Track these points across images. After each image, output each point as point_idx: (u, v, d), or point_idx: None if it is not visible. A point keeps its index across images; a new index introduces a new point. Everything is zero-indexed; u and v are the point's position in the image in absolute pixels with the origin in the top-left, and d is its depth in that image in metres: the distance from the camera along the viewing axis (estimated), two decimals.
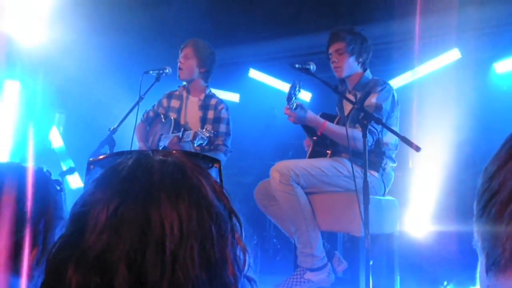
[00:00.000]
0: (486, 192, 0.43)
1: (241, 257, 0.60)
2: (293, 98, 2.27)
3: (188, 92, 3.06)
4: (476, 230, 0.46)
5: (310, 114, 2.39)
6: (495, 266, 0.42)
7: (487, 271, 0.43)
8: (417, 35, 4.07)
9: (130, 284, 0.51)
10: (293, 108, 2.30)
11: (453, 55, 4.36)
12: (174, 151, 0.65)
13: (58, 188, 0.97)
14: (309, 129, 2.62)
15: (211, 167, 0.70)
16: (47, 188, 0.95)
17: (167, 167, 0.59)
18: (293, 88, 2.26)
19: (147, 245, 0.53)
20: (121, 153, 0.66)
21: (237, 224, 0.62)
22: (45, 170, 0.98)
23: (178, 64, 2.96)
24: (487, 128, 3.72)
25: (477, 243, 0.46)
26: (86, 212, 0.56)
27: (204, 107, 3.00)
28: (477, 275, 0.48)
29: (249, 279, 0.62)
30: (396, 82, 4.59)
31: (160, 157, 0.62)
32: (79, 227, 0.56)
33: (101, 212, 0.55)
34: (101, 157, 0.71)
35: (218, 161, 0.72)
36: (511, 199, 0.40)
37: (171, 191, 0.56)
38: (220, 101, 3.05)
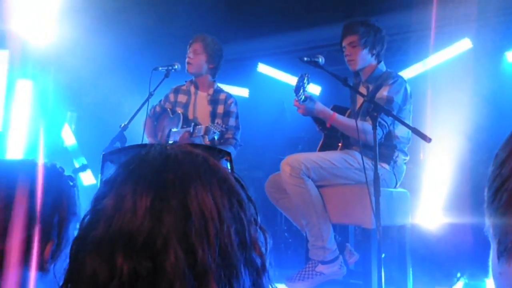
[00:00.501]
0: (497, 178, 0.43)
1: (263, 240, 0.65)
2: (302, 90, 2.27)
3: (197, 87, 3.07)
4: (487, 217, 0.46)
5: (319, 106, 2.39)
6: (506, 252, 0.42)
7: (498, 258, 0.43)
8: (433, 25, 4.02)
9: (182, 265, 0.54)
10: (302, 100, 2.30)
11: (464, 44, 4.30)
12: (190, 144, 0.68)
13: (71, 183, 0.99)
14: (320, 122, 2.61)
15: (222, 158, 0.73)
16: (60, 183, 0.96)
17: (195, 158, 0.63)
18: (301, 79, 2.26)
19: (191, 229, 0.56)
20: (134, 147, 0.68)
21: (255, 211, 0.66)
22: (58, 166, 1.00)
23: (187, 59, 2.97)
24: (499, 117, 3.67)
25: (489, 229, 0.46)
26: (119, 200, 0.58)
27: (214, 101, 3.02)
28: (490, 263, 0.48)
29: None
30: (408, 73, 4.55)
31: (182, 149, 0.64)
32: (111, 215, 0.57)
33: (139, 201, 0.57)
34: (114, 150, 0.72)
35: (229, 154, 0.76)
36: None
37: (204, 181, 0.60)
38: (229, 95, 3.06)
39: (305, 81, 2.27)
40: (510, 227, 0.41)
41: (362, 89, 2.55)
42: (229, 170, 0.69)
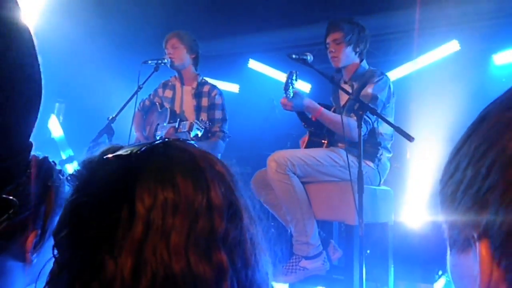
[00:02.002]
0: (446, 174, 0.46)
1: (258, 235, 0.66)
2: (290, 87, 2.29)
3: (182, 82, 3.08)
4: (440, 209, 0.48)
5: (307, 100, 2.41)
6: (455, 245, 0.44)
7: (450, 251, 0.46)
8: (416, 27, 4.07)
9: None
10: (291, 97, 2.32)
11: (452, 46, 4.36)
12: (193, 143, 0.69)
13: (62, 177, 1.00)
14: (305, 119, 2.63)
15: None
16: (51, 175, 0.97)
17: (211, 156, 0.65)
18: (290, 77, 2.28)
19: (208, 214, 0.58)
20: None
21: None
22: (50, 160, 1.01)
23: (168, 55, 2.97)
24: None
25: (442, 221, 0.48)
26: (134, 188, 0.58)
27: (197, 95, 3.03)
28: (447, 255, 0.50)
29: None
30: (395, 73, 4.60)
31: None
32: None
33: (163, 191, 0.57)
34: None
35: None
36: (462, 180, 0.42)
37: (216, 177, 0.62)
38: (213, 87, 3.07)
39: (293, 78, 2.29)
40: (454, 221, 0.43)
41: (346, 87, 2.58)
42: None
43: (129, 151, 0.61)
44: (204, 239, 0.55)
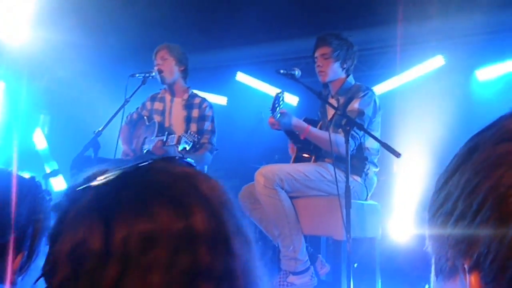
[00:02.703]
0: (435, 202, 0.46)
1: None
2: (277, 108, 2.31)
3: (172, 94, 3.08)
4: (427, 236, 0.48)
5: (294, 120, 2.43)
6: (442, 272, 0.44)
7: (436, 276, 0.46)
8: (398, 42, 4.14)
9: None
10: (277, 117, 2.33)
11: (437, 61, 4.43)
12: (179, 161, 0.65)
13: (48, 198, 0.99)
14: (293, 136, 2.65)
15: None
16: (38, 196, 0.96)
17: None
18: (277, 99, 2.30)
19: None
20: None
21: None
22: (36, 180, 0.99)
23: (157, 67, 2.97)
24: (468, 135, 3.79)
25: (428, 248, 0.48)
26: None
27: (188, 106, 3.03)
28: (431, 279, 0.51)
29: None
30: (380, 88, 4.65)
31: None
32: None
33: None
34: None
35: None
36: (453, 212, 0.42)
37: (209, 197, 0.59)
38: (204, 100, 3.09)
39: (280, 100, 2.31)
40: (442, 250, 0.44)
41: (332, 102, 2.60)
42: None
43: (105, 180, 0.57)
44: (186, 274, 0.50)
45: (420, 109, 4.20)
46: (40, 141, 4.42)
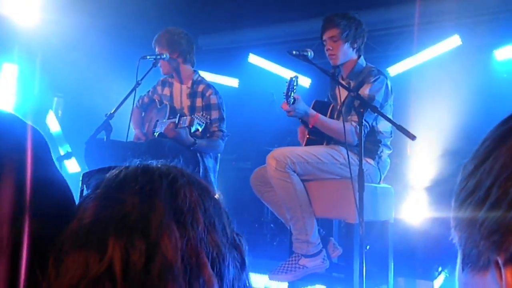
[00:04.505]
0: (463, 190, 0.43)
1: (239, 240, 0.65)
2: (291, 93, 2.27)
3: (180, 81, 3.00)
4: (453, 226, 0.46)
5: (306, 107, 2.40)
6: (470, 264, 0.42)
7: (463, 268, 0.44)
8: (417, 22, 4.03)
9: (178, 244, 0.53)
10: (291, 102, 2.29)
11: (453, 41, 4.32)
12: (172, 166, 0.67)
13: None
14: (304, 121, 2.62)
15: None
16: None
17: (177, 168, 0.63)
18: (291, 83, 2.26)
19: (181, 211, 0.57)
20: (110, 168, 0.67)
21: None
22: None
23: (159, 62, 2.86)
24: (486, 115, 3.72)
25: (455, 238, 0.45)
26: (107, 198, 0.58)
27: (192, 95, 2.94)
28: (456, 272, 0.48)
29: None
30: (396, 69, 4.57)
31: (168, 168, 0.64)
32: (98, 209, 0.57)
33: (127, 193, 0.57)
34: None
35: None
36: (485, 200, 0.39)
37: (190, 179, 0.62)
38: (208, 86, 2.94)
39: (294, 84, 2.26)
40: (473, 241, 0.41)
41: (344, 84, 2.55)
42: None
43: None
44: None
45: (435, 90, 4.12)
46: (53, 123, 4.46)
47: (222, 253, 0.58)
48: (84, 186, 0.67)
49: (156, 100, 3.07)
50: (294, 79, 2.27)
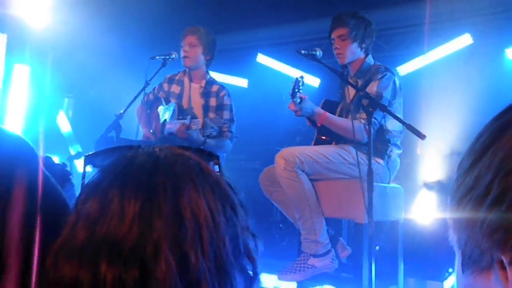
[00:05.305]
0: (461, 187, 0.41)
1: (253, 246, 0.62)
2: (297, 94, 2.27)
3: (190, 79, 3.03)
4: (451, 226, 0.43)
5: (313, 106, 2.40)
6: (471, 265, 0.40)
7: (463, 270, 0.41)
8: (427, 20, 3.99)
9: (173, 273, 0.51)
10: (298, 102, 2.29)
11: (464, 40, 4.27)
12: (179, 147, 0.64)
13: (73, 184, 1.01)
14: (312, 120, 2.61)
15: (211, 162, 0.69)
16: (65, 184, 0.98)
17: (187, 161, 0.59)
18: (296, 83, 2.26)
19: (183, 235, 0.53)
20: (119, 149, 0.65)
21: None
22: (67, 168, 1.02)
23: (183, 53, 2.91)
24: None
25: (453, 239, 0.43)
26: (105, 205, 0.54)
27: (206, 94, 2.98)
28: (455, 273, 0.46)
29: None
30: (406, 68, 4.53)
31: (172, 151, 0.61)
32: (95, 220, 0.54)
33: (127, 205, 0.53)
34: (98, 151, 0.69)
35: (218, 157, 0.72)
36: (486, 197, 0.37)
37: (197, 185, 0.57)
38: (222, 87, 3.01)
39: (300, 84, 2.27)
40: (472, 239, 0.39)
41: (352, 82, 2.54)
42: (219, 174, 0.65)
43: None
44: None
45: (446, 89, 4.08)
46: (64, 124, 4.50)
47: (230, 277, 0.55)
48: (85, 168, 0.66)
49: (162, 98, 3.08)
50: (299, 79, 2.27)
